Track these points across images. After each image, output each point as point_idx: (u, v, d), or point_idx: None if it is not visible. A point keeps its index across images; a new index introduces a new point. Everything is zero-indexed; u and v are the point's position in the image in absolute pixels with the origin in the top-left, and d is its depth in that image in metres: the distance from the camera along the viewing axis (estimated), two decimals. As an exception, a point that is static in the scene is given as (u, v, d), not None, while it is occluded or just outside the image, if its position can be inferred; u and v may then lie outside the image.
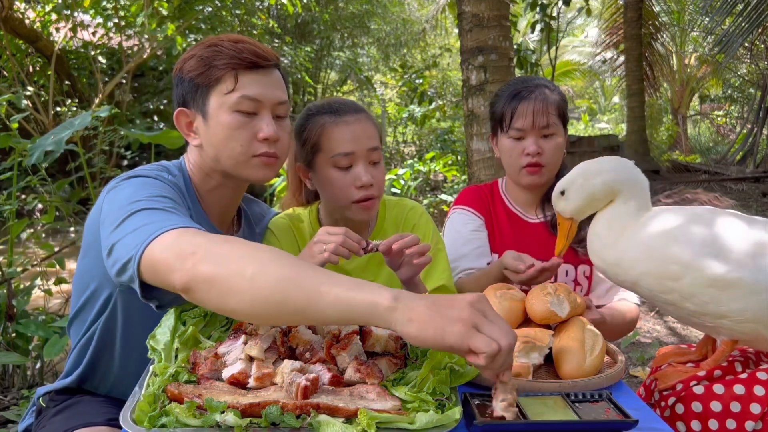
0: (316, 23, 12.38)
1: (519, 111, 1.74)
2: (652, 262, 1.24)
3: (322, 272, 0.91)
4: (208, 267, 0.93)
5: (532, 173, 1.75)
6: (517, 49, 7.40)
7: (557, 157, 1.77)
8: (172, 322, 1.11)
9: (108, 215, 1.16)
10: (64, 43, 7.60)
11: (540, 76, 2.12)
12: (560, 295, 1.28)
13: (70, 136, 2.85)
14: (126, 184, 1.22)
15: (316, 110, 1.59)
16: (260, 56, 1.31)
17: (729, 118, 18.71)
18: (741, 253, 1.19)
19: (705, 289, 1.20)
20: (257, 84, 1.31)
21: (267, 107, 1.32)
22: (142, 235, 1.04)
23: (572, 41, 17.48)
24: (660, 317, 4.24)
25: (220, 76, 1.29)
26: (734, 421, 1.22)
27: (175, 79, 1.36)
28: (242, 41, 1.32)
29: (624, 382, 1.21)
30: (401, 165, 10.12)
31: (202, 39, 2.18)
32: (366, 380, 0.98)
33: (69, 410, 1.37)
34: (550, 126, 1.73)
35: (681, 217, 1.28)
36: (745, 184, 9.07)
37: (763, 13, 7.59)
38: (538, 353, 1.17)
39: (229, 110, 1.29)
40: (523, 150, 1.74)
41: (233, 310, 0.94)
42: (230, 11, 8.73)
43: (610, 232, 1.30)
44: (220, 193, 1.41)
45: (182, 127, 1.37)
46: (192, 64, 1.32)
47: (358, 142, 1.51)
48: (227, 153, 1.32)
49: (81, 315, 1.39)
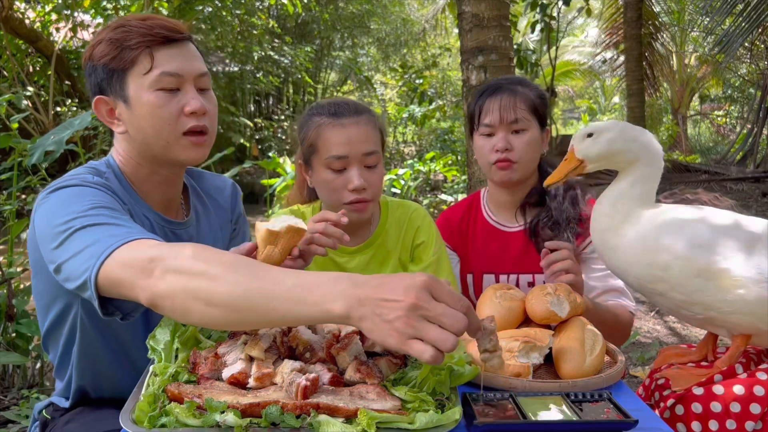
0: (316, 23, 12.39)
1: (486, 107, 1.73)
2: (644, 252, 1.26)
3: (275, 282, 0.88)
4: (165, 284, 0.93)
5: (502, 168, 1.71)
6: (517, 49, 7.40)
7: (529, 153, 1.72)
8: (172, 322, 1.11)
9: (44, 233, 1.12)
10: (64, 43, 7.60)
11: (521, 76, 2.10)
12: (560, 295, 1.28)
13: (70, 136, 2.85)
14: (54, 197, 1.16)
15: (317, 110, 1.59)
16: (172, 30, 1.25)
17: (729, 118, 18.71)
18: (731, 246, 1.21)
19: (693, 279, 1.21)
20: (174, 58, 1.25)
21: (189, 81, 1.27)
22: (91, 257, 1.01)
23: (572, 41, 17.48)
24: (660, 317, 4.24)
25: (135, 56, 1.23)
26: (734, 422, 1.22)
27: (87, 68, 1.28)
28: (150, 18, 1.26)
29: (624, 382, 1.21)
30: (401, 165, 10.13)
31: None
32: (366, 380, 0.98)
33: (84, 416, 1.33)
34: (519, 121, 1.70)
35: (680, 212, 1.29)
36: (745, 184, 9.07)
37: (763, 13, 7.59)
38: (539, 353, 1.17)
39: (150, 90, 1.23)
40: (493, 146, 1.72)
41: (198, 324, 0.96)
42: (230, 11, 8.73)
43: (615, 215, 1.31)
44: (155, 181, 1.34)
45: (103, 116, 1.30)
46: (103, 48, 1.25)
47: (353, 146, 1.51)
48: (155, 134, 1.25)
49: (54, 334, 1.34)
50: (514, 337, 1.17)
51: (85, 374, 1.35)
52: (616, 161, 1.35)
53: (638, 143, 1.32)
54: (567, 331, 1.23)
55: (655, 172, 1.33)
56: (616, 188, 1.34)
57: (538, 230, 1.75)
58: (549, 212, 1.74)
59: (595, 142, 1.35)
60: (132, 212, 1.27)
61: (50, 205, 1.15)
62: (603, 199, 1.36)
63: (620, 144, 1.33)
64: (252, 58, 10.31)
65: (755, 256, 1.20)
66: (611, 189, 1.35)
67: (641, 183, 1.32)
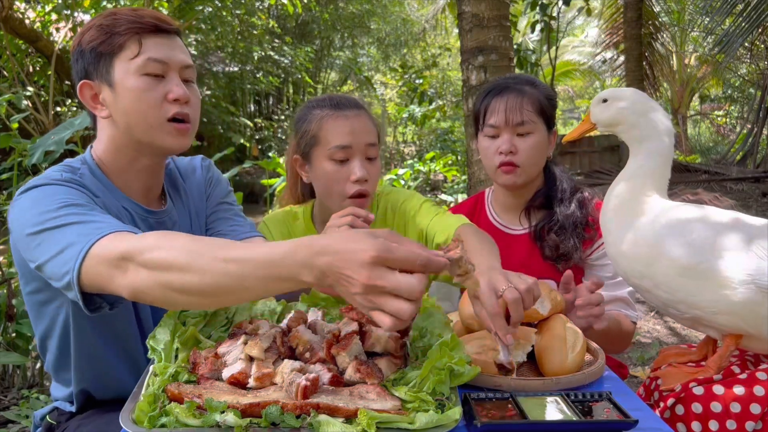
0: (316, 23, 12.39)
1: (492, 107, 1.68)
2: (631, 246, 1.28)
3: (242, 262, 0.91)
4: (140, 280, 0.97)
5: (507, 172, 1.67)
6: (517, 49, 7.40)
7: (534, 156, 1.68)
8: (172, 322, 1.11)
9: (18, 234, 1.15)
10: (64, 43, 7.60)
11: (529, 75, 2.06)
12: (541, 293, 1.29)
13: (70, 136, 2.85)
14: (25, 198, 1.18)
15: (317, 103, 1.59)
16: (162, 20, 1.30)
17: (729, 118, 18.71)
18: (720, 246, 1.20)
19: (676, 278, 1.22)
20: (162, 47, 1.29)
21: (174, 69, 1.30)
22: (69, 260, 1.04)
23: (572, 41, 17.48)
24: (660, 317, 4.24)
25: (123, 42, 1.26)
26: (734, 422, 1.22)
27: (75, 53, 1.32)
28: (140, 9, 1.31)
29: (624, 382, 1.21)
30: (401, 165, 10.12)
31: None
32: (366, 380, 0.98)
33: (95, 419, 1.33)
34: (526, 123, 1.65)
35: (675, 210, 1.29)
36: (745, 184, 9.07)
37: (763, 13, 7.59)
38: (522, 351, 1.18)
39: (135, 74, 1.27)
40: (497, 148, 1.67)
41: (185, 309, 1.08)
42: (230, 11, 8.73)
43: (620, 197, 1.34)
44: (135, 169, 1.36)
45: (87, 101, 1.32)
46: (92, 34, 1.28)
47: (356, 136, 1.51)
48: (139, 118, 1.28)
49: (49, 334, 1.34)
50: (498, 335, 1.18)
51: (85, 375, 1.34)
52: (621, 131, 1.36)
53: (646, 118, 1.32)
54: (549, 329, 1.24)
55: (661, 149, 1.32)
56: (628, 167, 1.35)
57: (543, 234, 1.71)
58: (555, 216, 1.70)
59: (607, 108, 1.36)
60: (107, 205, 1.27)
61: (22, 206, 1.17)
62: (618, 178, 1.36)
63: (627, 115, 1.33)
64: (252, 58, 10.31)
65: (744, 256, 1.19)
66: (625, 169, 1.36)
67: (648, 160, 1.32)
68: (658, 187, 1.33)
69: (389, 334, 1.07)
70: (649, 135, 1.32)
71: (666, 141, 1.32)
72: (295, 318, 1.14)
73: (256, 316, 1.22)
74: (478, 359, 1.13)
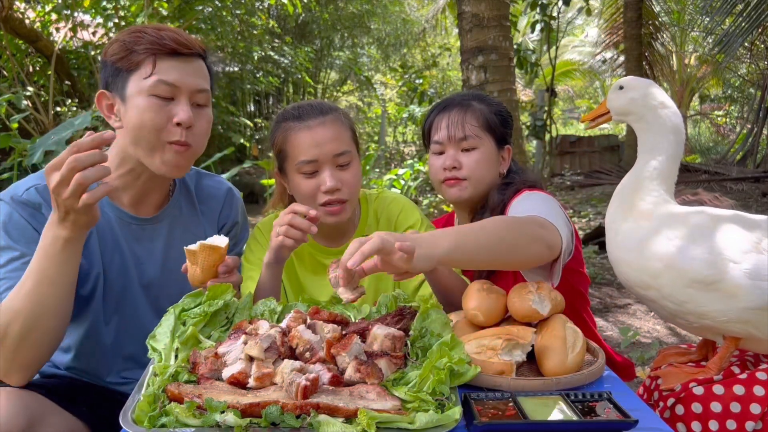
0: (316, 23, 12.37)
1: (435, 124, 1.69)
2: (637, 256, 1.27)
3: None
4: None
5: (450, 186, 1.66)
6: (517, 49, 7.39)
7: (480, 170, 1.65)
8: (172, 322, 1.11)
9: None
10: (64, 43, 7.59)
11: (481, 93, 2.02)
12: (541, 293, 1.29)
13: (70, 136, 2.86)
14: None
15: (282, 116, 1.58)
16: (181, 44, 1.33)
17: (729, 118, 18.70)
18: (727, 254, 1.19)
19: (684, 290, 1.21)
20: (175, 70, 1.33)
21: (184, 93, 1.34)
22: None
23: (572, 41, 17.47)
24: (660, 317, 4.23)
25: (140, 60, 1.32)
26: (734, 422, 1.22)
27: (101, 62, 1.39)
28: (165, 29, 1.34)
29: (625, 382, 1.21)
30: (401, 165, 10.11)
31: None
32: (366, 380, 0.98)
33: None
34: (468, 138, 1.64)
35: (678, 216, 1.29)
36: (745, 184, 9.06)
37: (763, 13, 7.58)
38: (521, 351, 1.18)
39: (145, 94, 1.31)
40: (441, 164, 1.67)
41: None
42: (230, 11, 8.73)
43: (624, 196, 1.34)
44: (130, 180, 1.41)
45: (103, 109, 1.39)
46: (115, 48, 1.34)
47: (321, 148, 1.49)
48: (141, 136, 1.33)
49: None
50: (497, 335, 1.18)
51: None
52: (631, 120, 1.36)
53: (654, 113, 1.32)
54: (548, 328, 1.24)
55: (666, 147, 1.31)
56: (635, 167, 1.35)
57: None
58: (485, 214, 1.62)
59: (621, 96, 1.37)
60: None
61: None
62: (625, 178, 1.37)
63: (637, 106, 1.34)
64: (252, 58, 10.30)
65: (752, 261, 1.18)
66: (633, 168, 1.36)
67: (654, 159, 1.31)
68: (665, 188, 1.32)
69: (387, 334, 1.07)
70: (654, 129, 1.32)
71: (671, 138, 1.32)
72: (295, 318, 1.15)
73: (256, 316, 1.22)
74: (478, 359, 1.13)
